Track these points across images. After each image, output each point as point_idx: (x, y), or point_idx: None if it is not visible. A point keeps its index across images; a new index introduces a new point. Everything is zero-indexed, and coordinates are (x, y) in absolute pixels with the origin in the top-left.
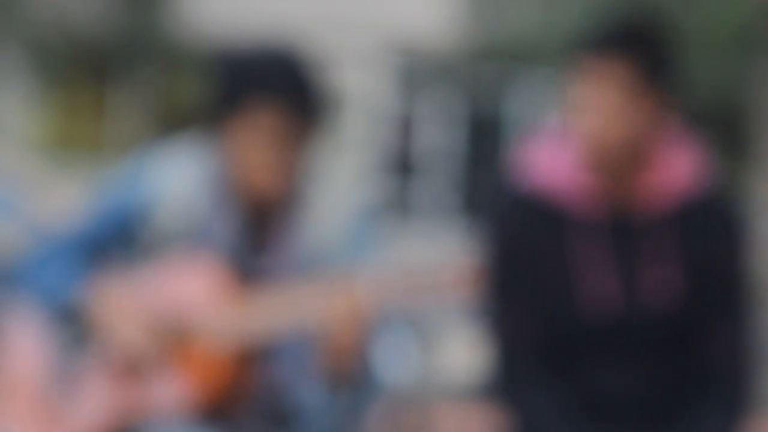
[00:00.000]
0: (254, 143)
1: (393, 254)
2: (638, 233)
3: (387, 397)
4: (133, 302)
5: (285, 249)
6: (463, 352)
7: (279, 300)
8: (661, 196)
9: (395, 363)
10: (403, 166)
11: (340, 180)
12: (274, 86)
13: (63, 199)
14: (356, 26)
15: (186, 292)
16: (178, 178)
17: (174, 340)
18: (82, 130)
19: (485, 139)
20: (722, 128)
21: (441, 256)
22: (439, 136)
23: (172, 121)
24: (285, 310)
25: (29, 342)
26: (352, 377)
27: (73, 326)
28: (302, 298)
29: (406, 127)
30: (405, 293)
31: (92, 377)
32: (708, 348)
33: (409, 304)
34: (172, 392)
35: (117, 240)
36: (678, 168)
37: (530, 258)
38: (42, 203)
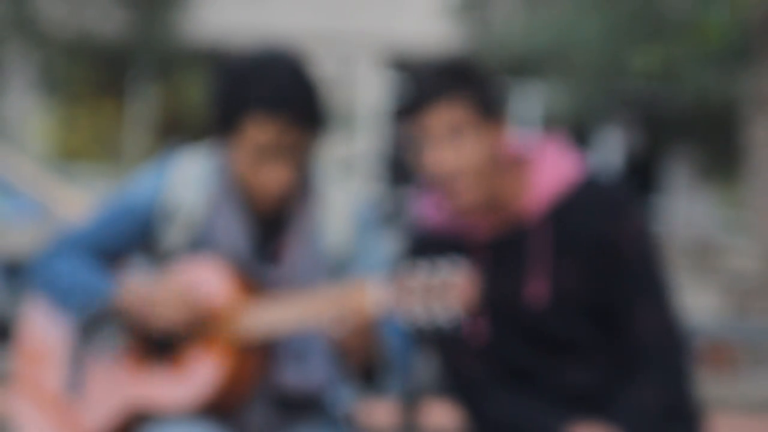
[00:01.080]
0: (257, 155)
1: (396, 259)
2: (523, 246)
3: (398, 394)
4: (160, 287)
5: (296, 259)
6: None
7: (290, 304)
8: (534, 204)
9: (400, 363)
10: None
11: (341, 189)
12: (277, 100)
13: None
14: (354, 39)
15: (201, 289)
16: (192, 186)
17: (195, 329)
18: (98, 142)
19: None
20: (713, 134)
21: (442, 259)
22: None
23: (187, 132)
24: (296, 314)
25: (46, 336)
26: (364, 377)
27: (89, 319)
28: (314, 303)
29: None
30: (407, 295)
31: (106, 369)
32: (633, 330)
33: (412, 307)
34: (186, 385)
35: (132, 241)
36: (545, 174)
37: None
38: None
